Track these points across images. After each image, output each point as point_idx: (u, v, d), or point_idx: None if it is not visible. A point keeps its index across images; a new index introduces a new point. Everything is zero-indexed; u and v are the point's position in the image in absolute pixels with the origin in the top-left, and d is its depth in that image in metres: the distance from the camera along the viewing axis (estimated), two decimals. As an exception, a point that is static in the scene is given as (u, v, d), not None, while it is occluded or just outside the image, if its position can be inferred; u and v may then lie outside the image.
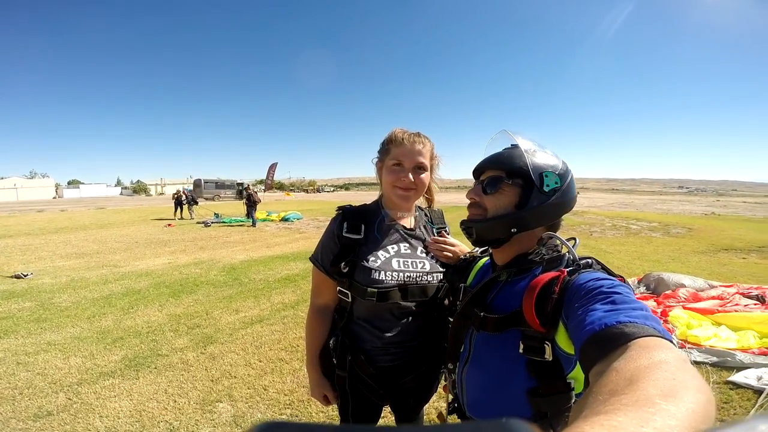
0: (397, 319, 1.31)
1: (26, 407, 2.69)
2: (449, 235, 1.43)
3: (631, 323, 0.59)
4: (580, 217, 18.00)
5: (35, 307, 4.91)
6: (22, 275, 6.41)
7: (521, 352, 0.86)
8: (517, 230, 0.95)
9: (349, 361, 1.32)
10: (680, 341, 3.58)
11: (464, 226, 1.05)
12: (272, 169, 49.85)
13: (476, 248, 1.26)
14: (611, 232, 12.76)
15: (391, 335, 1.30)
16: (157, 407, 2.70)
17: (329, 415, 2.61)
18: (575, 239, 0.97)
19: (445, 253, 1.33)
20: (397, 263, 1.28)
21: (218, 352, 3.59)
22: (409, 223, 1.39)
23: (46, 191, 71.98)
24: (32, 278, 6.37)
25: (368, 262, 1.26)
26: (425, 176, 1.29)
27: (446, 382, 1.24)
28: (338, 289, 1.34)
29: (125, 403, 2.75)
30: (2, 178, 76.74)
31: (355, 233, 1.29)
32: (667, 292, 4.91)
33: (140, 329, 4.14)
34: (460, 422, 1.10)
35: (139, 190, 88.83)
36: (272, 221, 16.35)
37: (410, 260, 1.31)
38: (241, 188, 46.77)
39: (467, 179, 1.14)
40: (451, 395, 1.19)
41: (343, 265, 1.27)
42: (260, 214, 16.52)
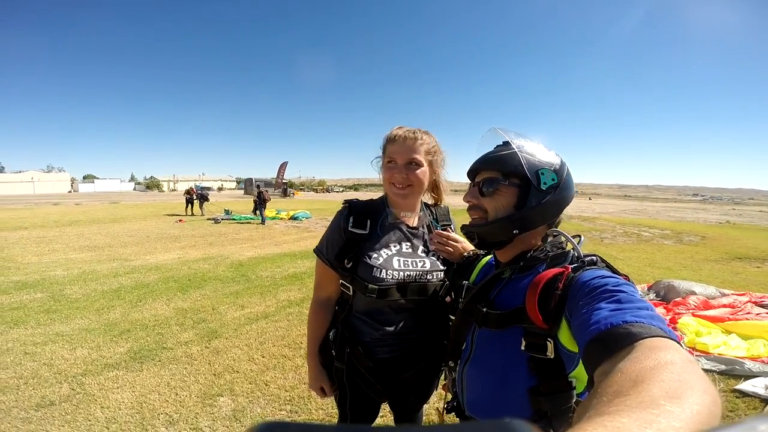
0: (396, 313, 1.32)
1: (29, 396, 2.74)
2: (454, 231, 1.42)
3: (637, 323, 0.58)
4: (590, 223, 17.79)
5: (46, 298, 5.00)
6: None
7: (523, 349, 0.85)
8: (519, 231, 0.94)
9: (347, 353, 1.32)
10: (688, 349, 3.51)
11: (466, 231, 1.04)
12: (283, 168, 50.21)
13: None
14: (622, 238, 12.58)
15: (390, 328, 1.31)
16: (158, 399, 2.72)
17: (329, 412, 2.61)
18: (580, 236, 0.96)
19: (447, 248, 1.32)
20: (398, 262, 1.28)
21: (222, 346, 3.62)
22: (412, 221, 1.38)
23: (62, 185, 73.54)
24: (44, 270, 6.47)
25: (371, 259, 1.26)
26: (420, 172, 1.27)
27: (446, 380, 1.23)
28: (340, 282, 1.34)
29: (127, 394, 2.78)
30: (20, 171, 78.61)
31: (360, 228, 1.29)
32: (677, 299, 4.82)
33: (147, 322, 4.20)
34: (459, 422, 1.08)
35: (152, 185, 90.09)
36: (281, 219, 16.47)
37: (411, 259, 1.31)
38: (285, 187, 47.88)
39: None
40: (450, 394, 1.18)
41: (347, 260, 1.28)
42: (269, 212, 16.64)
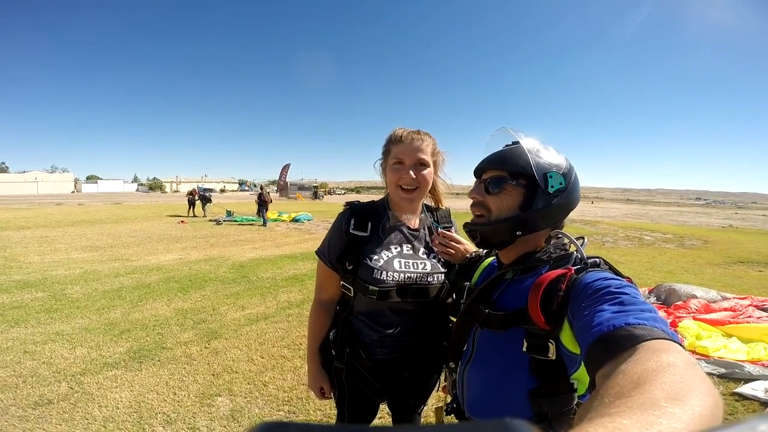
0: (396, 315, 1.32)
1: (27, 395, 2.74)
2: (457, 233, 1.42)
3: (640, 325, 0.58)
4: (593, 227, 17.75)
5: (47, 297, 5.02)
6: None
7: (525, 350, 0.85)
8: (522, 233, 0.94)
9: (347, 353, 1.33)
10: (688, 352, 3.51)
11: (468, 229, 1.03)
12: (285, 170, 50.33)
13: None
14: (624, 242, 12.55)
15: (389, 331, 1.31)
16: (156, 399, 2.73)
17: (326, 413, 2.61)
18: (583, 238, 0.96)
19: (448, 249, 1.32)
20: (398, 264, 1.28)
21: (222, 347, 3.62)
22: (413, 223, 1.38)
23: (65, 185, 73.84)
24: (46, 269, 6.50)
25: (371, 261, 1.27)
26: (427, 173, 1.28)
27: (446, 382, 1.23)
28: (341, 283, 1.35)
29: (126, 393, 2.78)
30: (24, 171, 78.95)
31: (361, 230, 1.29)
32: (678, 303, 4.81)
33: (147, 322, 4.21)
34: (459, 422, 1.08)
35: (154, 187, 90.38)
36: (283, 221, 16.50)
37: (412, 261, 1.31)
38: (315, 189, 47.72)
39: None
40: (450, 396, 1.18)
41: (347, 263, 1.28)
42: (271, 214, 16.67)
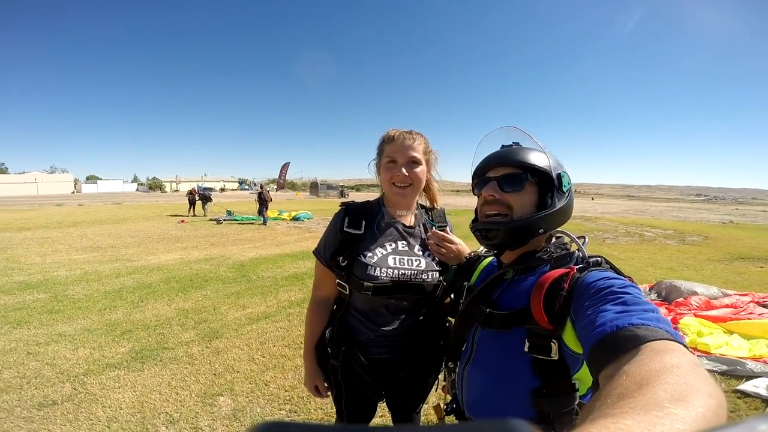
0: (392, 314, 1.33)
1: (32, 396, 2.75)
2: (452, 233, 1.43)
3: (643, 326, 0.57)
4: (593, 223, 17.74)
5: (49, 298, 5.03)
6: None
7: (527, 350, 0.84)
8: (544, 231, 0.94)
9: (342, 351, 1.34)
10: (690, 349, 3.51)
11: (486, 228, 0.96)
12: (285, 168, 50.31)
13: (481, 248, 1.24)
14: (624, 238, 12.54)
15: (385, 329, 1.32)
16: (159, 399, 2.74)
17: (327, 412, 2.62)
18: (585, 237, 0.97)
19: (442, 249, 1.33)
20: (392, 260, 1.30)
21: (223, 346, 3.63)
22: (408, 220, 1.40)
23: (65, 186, 73.69)
24: (47, 270, 6.50)
25: (365, 257, 1.28)
26: (420, 170, 1.31)
27: (446, 382, 1.23)
28: (337, 281, 1.37)
29: (129, 394, 2.79)
30: (24, 172, 78.88)
31: (355, 228, 1.32)
32: (679, 299, 4.81)
33: (149, 322, 4.21)
34: (459, 422, 1.08)
35: (154, 186, 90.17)
36: (283, 220, 16.49)
37: (407, 258, 1.32)
38: (342, 188, 48.17)
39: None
40: (449, 396, 1.18)
41: (341, 259, 1.30)
42: (271, 212, 16.67)
